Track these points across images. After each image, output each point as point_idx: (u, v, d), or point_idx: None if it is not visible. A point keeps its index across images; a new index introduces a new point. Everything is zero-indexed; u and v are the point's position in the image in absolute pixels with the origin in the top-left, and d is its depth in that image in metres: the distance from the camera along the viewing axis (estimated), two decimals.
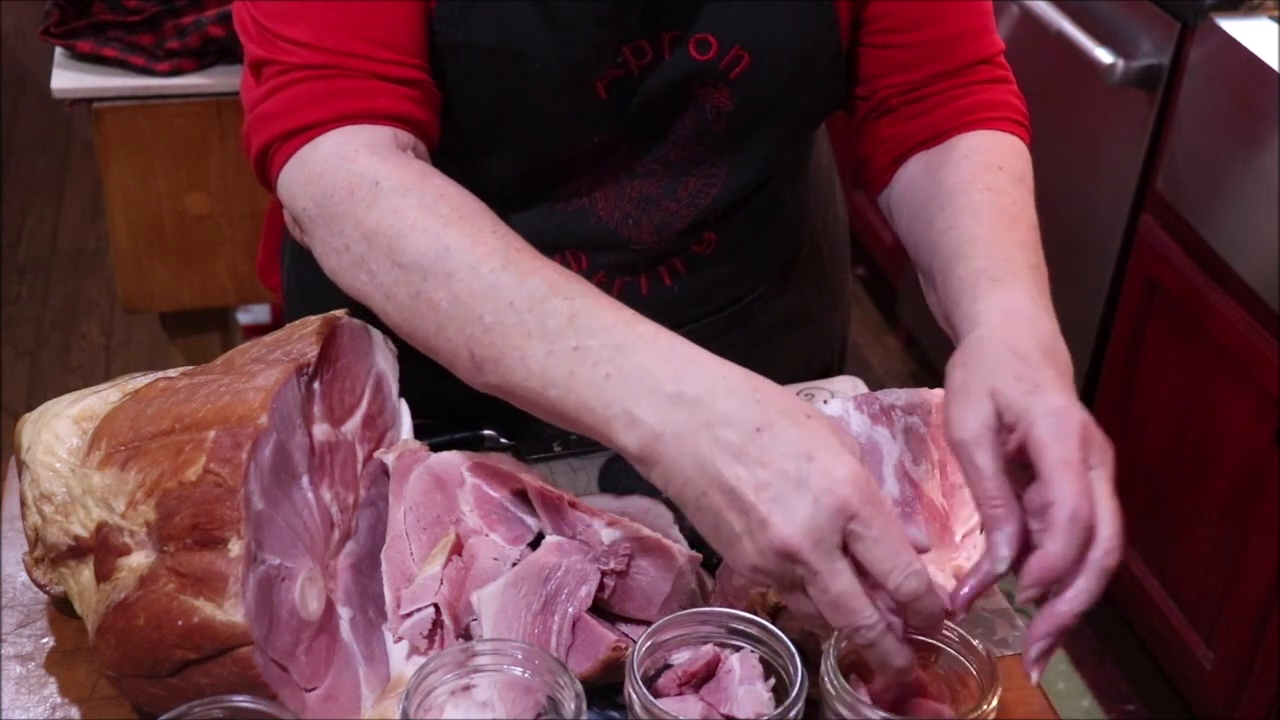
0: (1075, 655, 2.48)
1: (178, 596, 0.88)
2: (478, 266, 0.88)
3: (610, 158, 1.13)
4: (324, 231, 0.96)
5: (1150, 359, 2.24)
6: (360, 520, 1.03)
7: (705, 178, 1.16)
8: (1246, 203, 1.97)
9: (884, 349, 3.26)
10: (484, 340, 0.87)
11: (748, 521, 0.79)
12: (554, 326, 0.85)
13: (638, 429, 0.82)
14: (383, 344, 1.09)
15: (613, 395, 0.82)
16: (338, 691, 0.95)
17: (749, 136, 1.14)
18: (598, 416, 0.83)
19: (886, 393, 1.07)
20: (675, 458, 0.81)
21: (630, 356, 0.83)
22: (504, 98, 1.08)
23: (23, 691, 0.99)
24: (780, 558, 0.79)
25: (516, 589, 0.97)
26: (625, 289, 1.20)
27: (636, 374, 0.82)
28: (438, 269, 0.89)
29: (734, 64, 1.09)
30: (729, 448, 0.80)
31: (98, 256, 3.51)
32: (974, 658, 0.92)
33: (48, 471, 0.98)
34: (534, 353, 0.85)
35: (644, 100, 1.09)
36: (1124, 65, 2.16)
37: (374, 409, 1.07)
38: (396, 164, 0.96)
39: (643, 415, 0.81)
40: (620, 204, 1.15)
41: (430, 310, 0.90)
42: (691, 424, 0.80)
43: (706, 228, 1.20)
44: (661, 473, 0.82)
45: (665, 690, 0.92)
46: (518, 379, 0.86)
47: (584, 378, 0.83)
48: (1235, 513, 2.06)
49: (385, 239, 0.92)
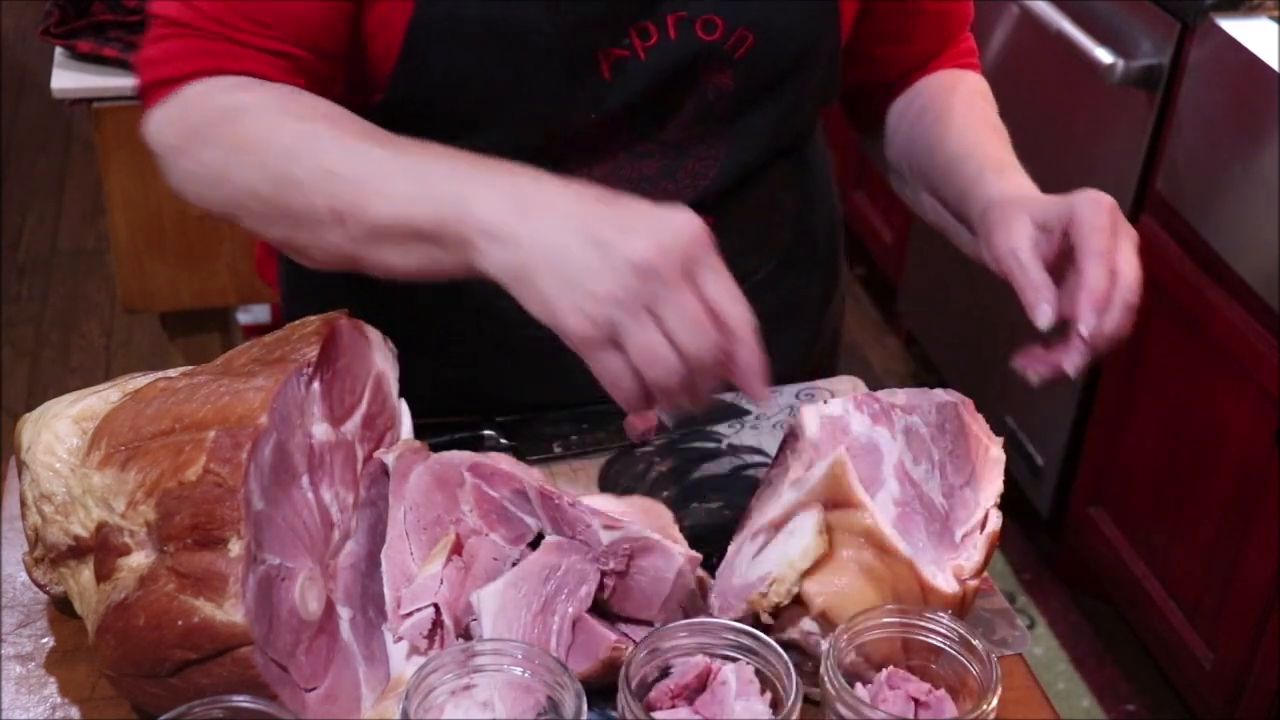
0: (1075, 655, 2.48)
1: (178, 596, 0.88)
2: (342, 141, 0.96)
3: (610, 138, 1.14)
4: (186, 160, 1.03)
5: (1150, 359, 2.24)
6: (360, 520, 1.03)
7: (703, 159, 1.17)
8: (1246, 203, 1.97)
9: (884, 349, 3.26)
10: (346, 194, 0.93)
11: (605, 248, 0.84)
12: (411, 162, 0.93)
13: (499, 205, 0.88)
14: (382, 344, 1.09)
15: (471, 189, 0.89)
16: (338, 691, 0.95)
17: (748, 118, 1.15)
18: (456, 207, 0.89)
19: (886, 393, 1.07)
20: (530, 220, 0.87)
21: (480, 163, 0.92)
22: (499, 72, 1.08)
23: (23, 691, 0.99)
24: (638, 274, 0.83)
25: (516, 589, 0.97)
26: None
27: (495, 180, 0.90)
28: (304, 149, 0.96)
29: (739, 44, 1.10)
30: (590, 200, 0.88)
31: (98, 256, 3.51)
32: (974, 658, 0.92)
33: (48, 471, 0.98)
34: (396, 186, 0.92)
35: (648, 81, 1.10)
36: (1124, 65, 2.16)
37: (374, 409, 1.07)
38: (260, 92, 1.03)
39: (501, 199, 0.89)
40: (619, 184, 1.15)
41: (294, 188, 0.96)
42: (549, 193, 0.89)
43: (704, 211, 1.20)
44: (513, 240, 0.87)
45: (658, 703, 0.92)
46: (380, 212, 0.92)
47: (443, 187, 0.90)
48: (1235, 513, 2.06)
49: (252, 144, 0.99)
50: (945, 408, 1.07)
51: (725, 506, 1.16)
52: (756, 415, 1.24)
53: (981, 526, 1.01)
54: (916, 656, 0.94)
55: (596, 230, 0.85)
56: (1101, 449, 2.39)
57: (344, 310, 1.07)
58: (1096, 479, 2.42)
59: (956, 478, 1.04)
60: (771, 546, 0.98)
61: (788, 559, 0.96)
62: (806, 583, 0.95)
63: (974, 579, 0.98)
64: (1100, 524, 2.41)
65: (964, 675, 0.92)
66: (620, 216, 0.86)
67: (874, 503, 0.96)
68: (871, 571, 0.95)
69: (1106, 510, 2.41)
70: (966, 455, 1.05)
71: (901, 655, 0.95)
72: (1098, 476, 2.42)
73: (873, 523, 0.95)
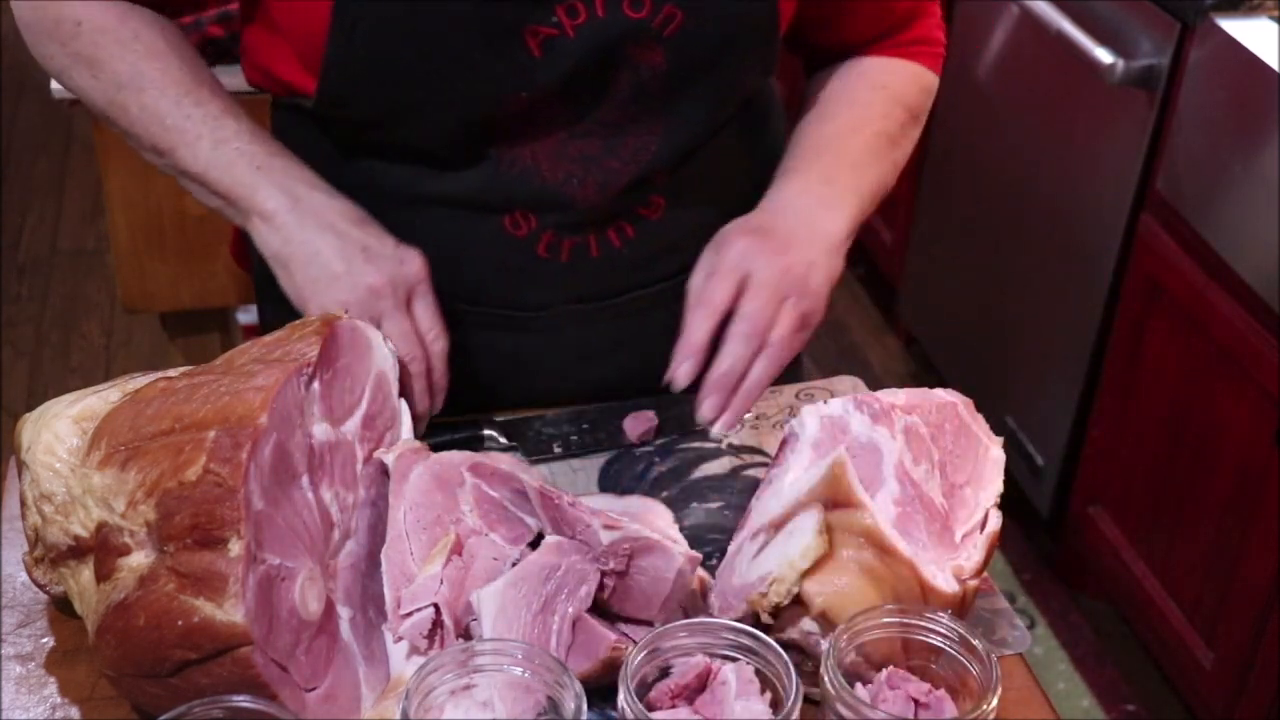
0: (1075, 655, 2.48)
1: (178, 596, 0.88)
2: (166, 90, 1.14)
3: (550, 118, 1.15)
4: (37, 48, 1.20)
5: (1150, 359, 2.24)
6: (360, 520, 1.03)
7: (643, 135, 1.18)
8: (1246, 203, 1.97)
9: (884, 349, 3.26)
10: (164, 136, 1.14)
11: (351, 265, 1.09)
12: (223, 135, 1.13)
13: (278, 199, 1.11)
14: (382, 344, 1.09)
15: (260, 176, 1.11)
16: (338, 691, 0.95)
17: (684, 96, 1.16)
18: (245, 188, 1.11)
19: (886, 393, 1.07)
20: (300, 220, 1.10)
21: (279, 159, 1.13)
22: (427, 50, 1.10)
23: (23, 691, 0.99)
24: (371, 293, 1.09)
25: (516, 589, 0.97)
26: (574, 249, 1.22)
27: (280, 174, 1.12)
28: (132, 85, 1.14)
29: (667, 22, 1.11)
30: (349, 220, 1.11)
31: (98, 256, 3.51)
32: (974, 658, 0.92)
33: (48, 471, 0.98)
34: (203, 149, 1.12)
35: (579, 59, 1.11)
36: (1124, 65, 2.16)
37: (374, 409, 1.07)
38: (98, 9, 1.16)
39: (281, 194, 1.11)
40: (563, 164, 1.17)
41: (122, 112, 1.16)
42: (311, 206, 1.11)
43: (653, 191, 1.22)
44: (283, 231, 1.11)
45: (658, 704, 0.92)
46: (186, 165, 1.13)
47: (241, 166, 1.12)
48: (1235, 513, 2.06)
49: (85, 61, 1.16)
50: (945, 408, 1.07)
51: (725, 506, 1.16)
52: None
53: (981, 526, 1.01)
54: (916, 656, 0.94)
55: (348, 249, 1.09)
56: (1101, 449, 2.39)
57: (344, 310, 1.07)
58: (1096, 479, 2.42)
59: (956, 477, 1.03)
60: (771, 546, 0.98)
61: (788, 559, 0.96)
62: (806, 583, 0.95)
63: (974, 579, 0.98)
64: (1100, 524, 2.41)
65: (964, 675, 0.92)
66: (368, 243, 1.10)
67: (874, 503, 0.96)
68: (871, 571, 0.95)
69: (1106, 510, 2.41)
70: (966, 455, 1.05)
71: (901, 655, 0.95)
72: (1098, 476, 2.42)
73: (873, 523, 0.95)
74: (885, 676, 0.94)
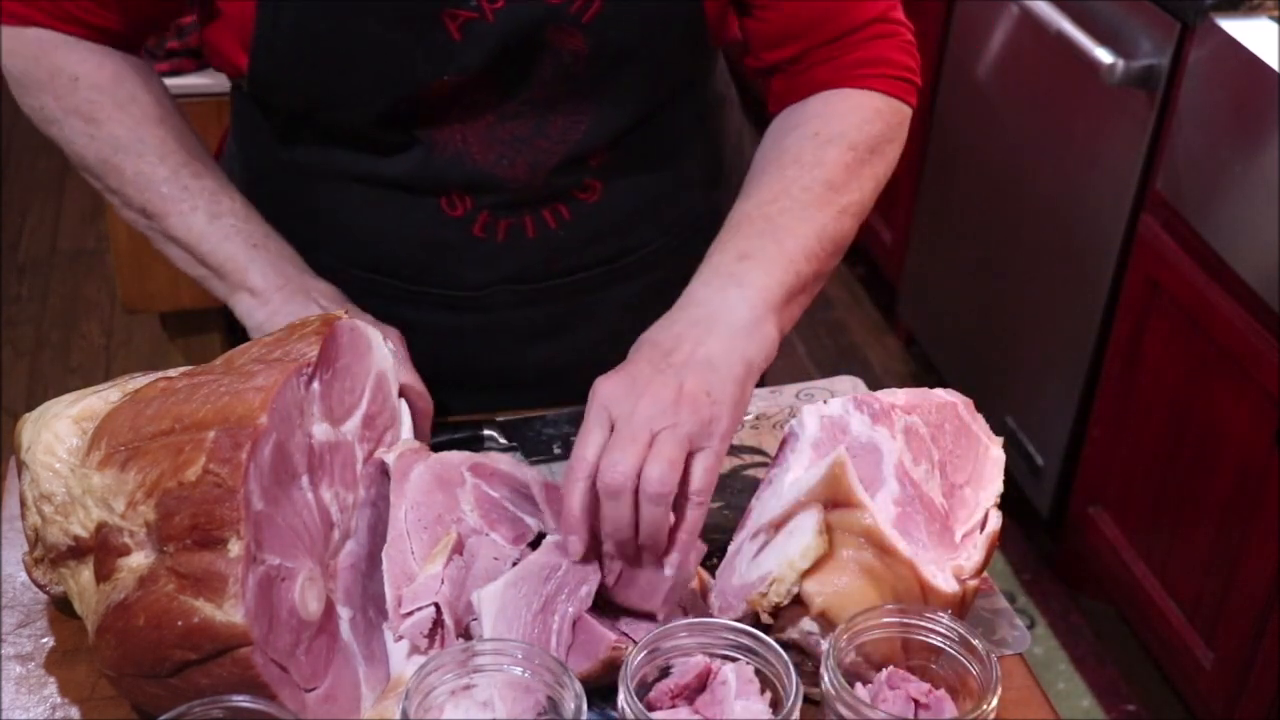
0: (1075, 655, 2.48)
1: (178, 597, 0.88)
2: (165, 158, 1.18)
3: (476, 100, 1.16)
4: (27, 99, 1.20)
5: (1150, 359, 2.24)
6: (360, 520, 1.03)
7: (572, 116, 1.18)
8: (1246, 203, 1.97)
9: (884, 349, 3.26)
10: (158, 203, 1.18)
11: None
12: (219, 210, 1.18)
13: (269, 277, 1.17)
14: (382, 344, 1.09)
15: (254, 255, 1.18)
16: (338, 691, 0.95)
17: (611, 79, 1.17)
18: (239, 264, 1.17)
19: (886, 393, 1.07)
20: (288, 297, 1.17)
21: (273, 242, 1.19)
22: (347, 33, 1.11)
23: (23, 691, 0.99)
24: None
25: (516, 589, 0.97)
26: (511, 230, 1.23)
27: (270, 256, 1.18)
28: (131, 150, 1.17)
29: (585, 8, 1.11)
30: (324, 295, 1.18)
31: (98, 256, 3.51)
32: (974, 658, 0.92)
33: (48, 471, 0.98)
34: (198, 220, 1.17)
35: (498, 42, 1.11)
36: (1124, 65, 2.16)
37: (374, 409, 1.07)
38: (94, 64, 1.18)
39: (273, 273, 1.17)
40: (494, 145, 1.18)
41: (114, 172, 1.18)
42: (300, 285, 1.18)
43: (588, 174, 1.23)
44: (269, 305, 1.17)
45: (658, 703, 0.92)
46: (177, 233, 1.18)
47: (236, 242, 1.17)
48: (1235, 513, 2.06)
49: (83, 118, 1.18)
50: (945, 408, 1.07)
51: (725, 506, 1.16)
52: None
53: (981, 526, 1.01)
54: (916, 656, 0.94)
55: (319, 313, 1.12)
56: (1101, 449, 2.39)
57: (344, 310, 1.07)
58: (1096, 479, 2.42)
59: (956, 477, 1.03)
60: (771, 546, 0.98)
61: (788, 559, 0.96)
62: (806, 583, 0.95)
63: (974, 579, 0.98)
64: (1100, 524, 2.41)
65: (964, 675, 0.92)
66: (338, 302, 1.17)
67: (874, 503, 0.96)
68: (871, 571, 0.95)
69: (1106, 510, 2.41)
70: (966, 455, 1.05)
71: (901, 655, 0.95)
72: (1098, 476, 2.42)
73: (873, 523, 0.95)
74: (885, 676, 0.94)
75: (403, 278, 1.26)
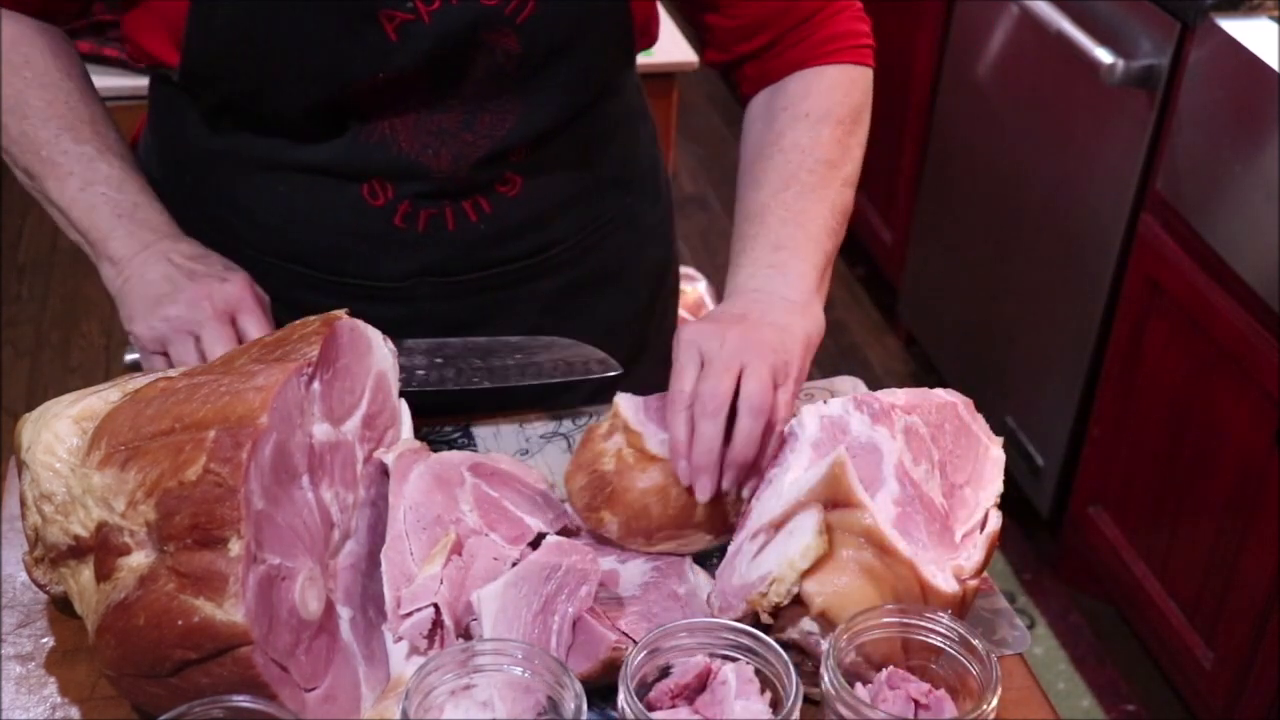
0: (1075, 655, 2.48)
1: (178, 596, 0.88)
2: (47, 122, 1.20)
3: (408, 96, 1.18)
4: None
5: (1150, 359, 2.24)
6: (360, 520, 1.03)
7: (500, 113, 1.21)
8: (1246, 203, 1.97)
9: (884, 349, 3.26)
10: (37, 165, 1.21)
11: (175, 286, 1.15)
12: (93, 178, 1.19)
13: (129, 245, 1.18)
14: (382, 344, 1.10)
15: (116, 225, 1.19)
16: (338, 691, 0.95)
17: (540, 79, 1.19)
18: (101, 233, 1.19)
19: (886, 393, 1.07)
20: (143, 263, 1.17)
21: (141, 210, 1.20)
22: (281, 29, 1.12)
23: (23, 691, 0.99)
24: (190, 306, 1.14)
25: (516, 589, 0.97)
26: (431, 221, 1.24)
27: (134, 225, 1.19)
28: (15, 111, 1.20)
29: (520, 9, 1.14)
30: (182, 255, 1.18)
31: None
32: (974, 658, 0.92)
33: (48, 471, 0.98)
34: (71, 186, 1.19)
35: (434, 42, 1.13)
36: (1124, 65, 2.16)
37: (374, 409, 1.07)
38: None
39: (131, 241, 1.19)
40: (420, 136, 1.20)
41: (4, 133, 1.21)
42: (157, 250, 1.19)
43: (509, 168, 1.25)
44: (125, 272, 1.17)
45: (658, 703, 0.92)
46: (53, 197, 1.20)
47: (102, 211, 1.19)
48: (1235, 513, 2.06)
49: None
50: (945, 408, 1.07)
51: None
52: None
53: (981, 526, 1.01)
54: (916, 656, 0.94)
55: (176, 275, 1.15)
56: (1101, 449, 2.39)
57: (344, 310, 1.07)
58: (1096, 479, 2.42)
59: (956, 477, 1.04)
60: (771, 546, 0.98)
61: (788, 559, 0.96)
62: (806, 583, 0.95)
63: (974, 579, 0.98)
64: (1100, 524, 2.41)
65: (964, 675, 0.92)
66: (195, 268, 1.17)
67: (874, 503, 0.96)
68: (871, 571, 0.95)
69: (1106, 510, 2.41)
70: (966, 455, 1.05)
71: (901, 655, 0.95)
72: (1098, 476, 2.42)
73: (873, 523, 0.95)
74: (885, 676, 0.94)
75: (322, 267, 1.27)
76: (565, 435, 1.25)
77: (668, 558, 1.08)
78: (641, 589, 1.05)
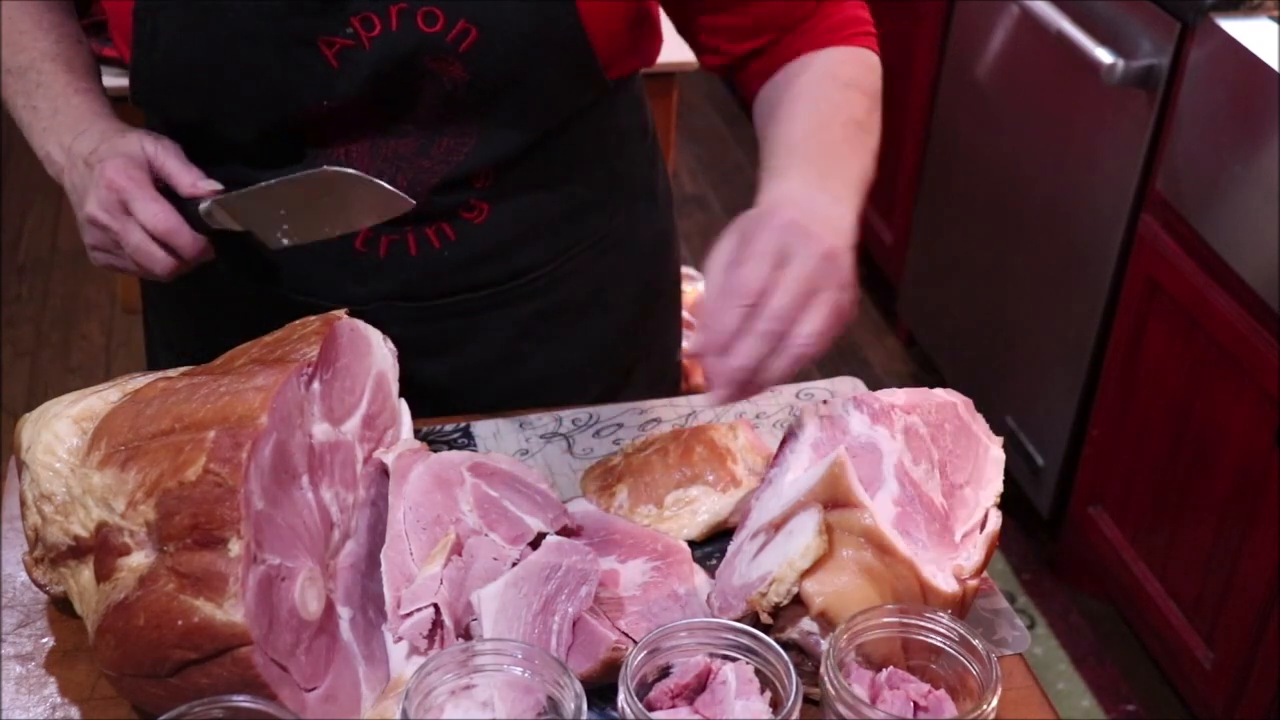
0: (1075, 655, 2.48)
1: (178, 596, 0.88)
2: (15, 49, 1.24)
3: (358, 122, 1.17)
4: None
5: (1150, 359, 2.24)
6: (360, 520, 1.03)
7: (457, 138, 1.19)
8: (1246, 203, 1.97)
9: (884, 349, 3.26)
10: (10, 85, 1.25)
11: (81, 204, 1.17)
12: (27, 88, 1.24)
13: (54, 163, 1.22)
14: (382, 344, 1.09)
15: (50, 138, 1.22)
16: (338, 691, 0.95)
17: (496, 105, 1.17)
18: (45, 151, 1.23)
19: (886, 393, 1.07)
20: (72, 172, 1.19)
21: (58, 116, 1.23)
22: (221, 57, 1.12)
23: (23, 691, 0.99)
24: (94, 227, 1.17)
25: (516, 589, 0.97)
26: (392, 246, 1.23)
27: (62, 136, 1.21)
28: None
29: (462, 37, 1.12)
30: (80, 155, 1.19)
31: None
32: (974, 658, 0.92)
33: (48, 471, 0.98)
34: (20, 104, 1.25)
35: (375, 69, 1.12)
36: (1124, 65, 2.16)
37: (374, 409, 1.07)
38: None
39: (56, 154, 1.22)
40: (376, 161, 1.19)
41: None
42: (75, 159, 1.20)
43: (473, 194, 1.23)
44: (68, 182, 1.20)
45: (658, 703, 0.92)
46: (17, 116, 1.26)
47: (36, 127, 1.24)
48: (1235, 513, 2.06)
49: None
50: (945, 408, 1.07)
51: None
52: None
53: (981, 526, 1.01)
54: (916, 656, 0.94)
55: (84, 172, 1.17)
56: (1101, 449, 2.39)
57: (344, 310, 1.07)
58: (1096, 479, 2.42)
59: (956, 477, 1.04)
60: (771, 546, 0.98)
61: (788, 559, 0.96)
62: (806, 583, 0.95)
63: (974, 579, 0.98)
64: (1100, 524, 2.41)
65: (964, 675, 0.92)
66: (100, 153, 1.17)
67: (874, 503, 0.96)
68: (871, 571, 0.95)
69: (1106, 510, 2.41)
70: (966, 455, 1.05)
71: (901, 655, 0.95)
72: (1098, 476, 2.42)
73: (873, 523, 0.95)
74: (885, 676, 0.94)
75: (289, 288, 1.26)
76: (565, 435, 1.25)
77: (668, 558, 1.08)
78: (641, 589, 1.05)
